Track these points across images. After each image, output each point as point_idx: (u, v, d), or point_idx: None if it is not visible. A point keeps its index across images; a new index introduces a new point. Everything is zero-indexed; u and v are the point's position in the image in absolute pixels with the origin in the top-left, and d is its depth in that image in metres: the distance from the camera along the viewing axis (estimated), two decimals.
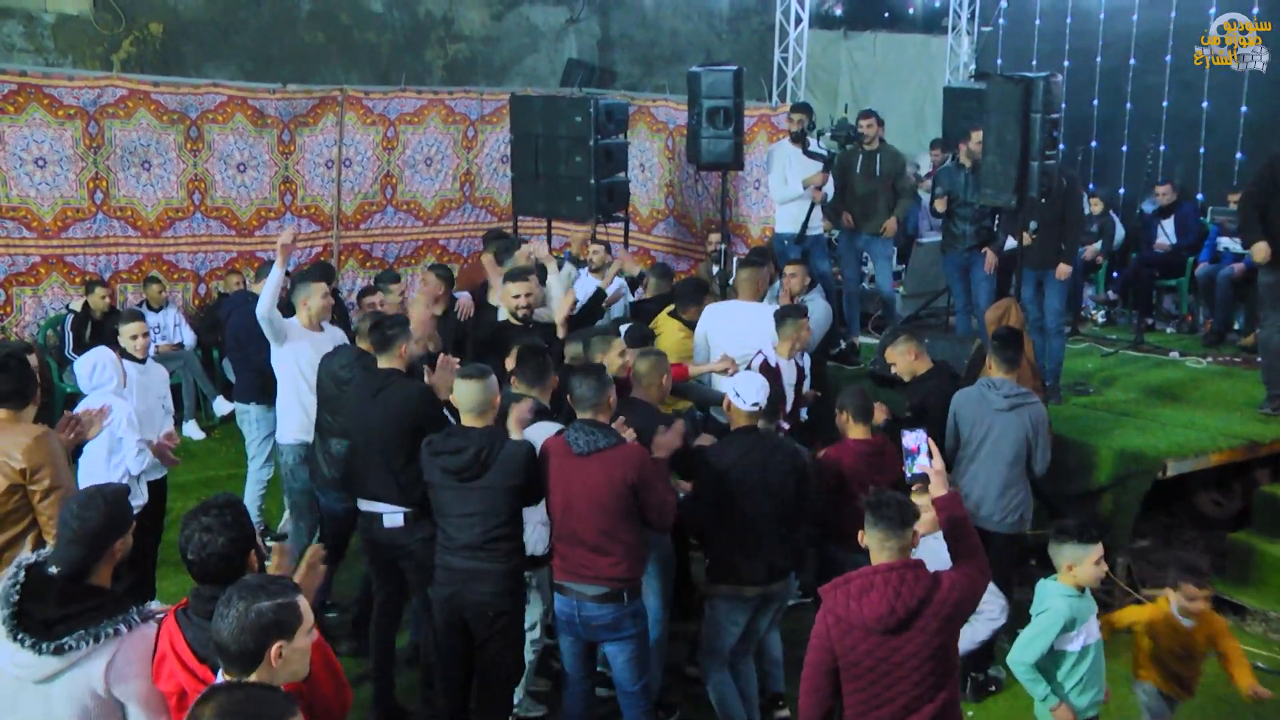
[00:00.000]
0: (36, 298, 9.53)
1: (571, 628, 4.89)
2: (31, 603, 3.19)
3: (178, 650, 3.16)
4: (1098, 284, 11.13)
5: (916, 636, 3.66)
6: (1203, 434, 7.39)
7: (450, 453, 4.72)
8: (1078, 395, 8.32)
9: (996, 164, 7.34)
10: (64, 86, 9.44)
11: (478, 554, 4.73)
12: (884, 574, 3.68)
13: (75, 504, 3.36)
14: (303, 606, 2.85)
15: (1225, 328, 9.84)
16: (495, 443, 4.71)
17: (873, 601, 3.64)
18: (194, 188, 10.14)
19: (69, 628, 3.15)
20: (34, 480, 4.20)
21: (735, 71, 9.09)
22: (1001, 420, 5.87)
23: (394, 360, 5.52)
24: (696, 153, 9.22)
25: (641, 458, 4.76)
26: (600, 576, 4.73)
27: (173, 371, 9.46)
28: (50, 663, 3.14)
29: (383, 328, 5.59)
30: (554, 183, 9.70)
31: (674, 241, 11.82)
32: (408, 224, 11.38)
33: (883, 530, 3.74)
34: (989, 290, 8.56)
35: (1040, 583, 4.51)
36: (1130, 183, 11.99)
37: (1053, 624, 4.35)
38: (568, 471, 4.73)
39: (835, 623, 3.71)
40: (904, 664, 3.67)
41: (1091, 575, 4.39)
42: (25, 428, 4.31)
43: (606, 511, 4.68)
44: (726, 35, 16.05)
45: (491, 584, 4.75)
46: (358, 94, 10.94)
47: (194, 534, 3.24)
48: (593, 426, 4.78)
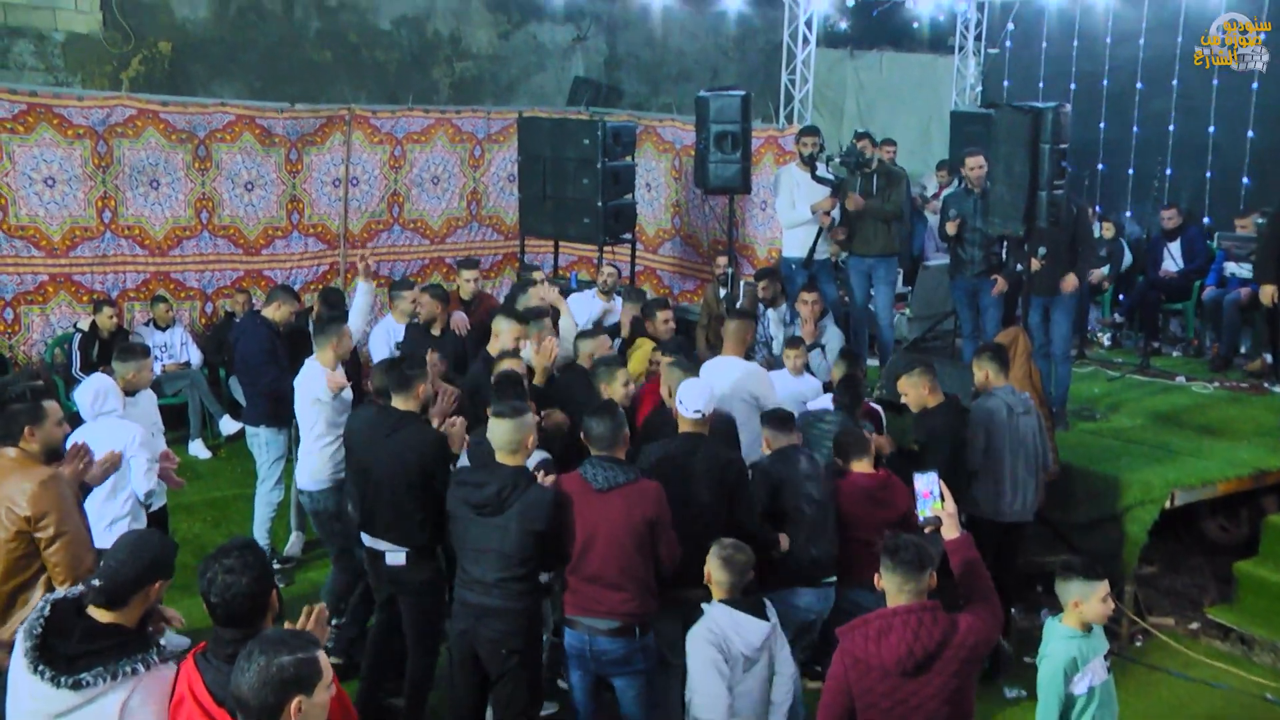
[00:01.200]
0: (44, 316, 9.54)
1: (583, 662, 4.88)
2: (55, 637, 3.21)
3: (196, 694, 3.16)
4: (1104, 307, 11.12)
5: (934, 679, 3.66)
6: (1210, 462, 7.38)
7: (474, 485, 4.72)
8: (1084, 421, 8.31)
9: (1005, 194, 7.34)
10: (73, 106, 9.47)
11: (492, 591, 4.72)
12: (903, 616, 3.69)
13: (124, 546, 3.42)
14: (323, 662, 2.84)
15: (1232, 352, 9.82)
16: (519, 483, 4.68)
17: (891, 644, 3.64)
18: (202, 206, 10.16)
19: (89, 664, 3.17)
20: (39, 528, 4.18)
21: (743, 96, 9.11)
22: (1024, 423, 6.28)
23: (410, 402, 5.44)
24: (704, 177, 9.24)
25: (659, 495, 4.77)
26: (613, 612, 4.72)
27: (179, 391, 9.53)
28: (67, 698, 3.15)
29: (401, 368, 5.51)
30: (561, 204, 9.73)
31: (680, 261, 11.84)
32: (414, 242, 11.40)
33: (901, 574, 3.75)
34: (996, 316, 8.56)
35: (1048, 622, 4.49)
36: (1137, 205, 12.00)
37: (1053, 678, 4.30)
38: (586, 508, 4.73)
39: (853, 664, 3.71)
40: (921, 706, 3.67)
41: (1099, 612, 4.35)
42: (32, 471, 4.28)
43: (624, 548, 4.68)
44: (733, 54, 16.11)
45: (505, 622, 4.73)
46: (365, 113, 10.97)
47: (216, 576, 3.23)
48: (610, 462, 4.79)
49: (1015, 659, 6.42)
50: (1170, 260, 10.53)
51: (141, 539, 3.53)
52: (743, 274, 9.80)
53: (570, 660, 4.95)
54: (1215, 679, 6.47)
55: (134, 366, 6.02)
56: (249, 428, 7.57)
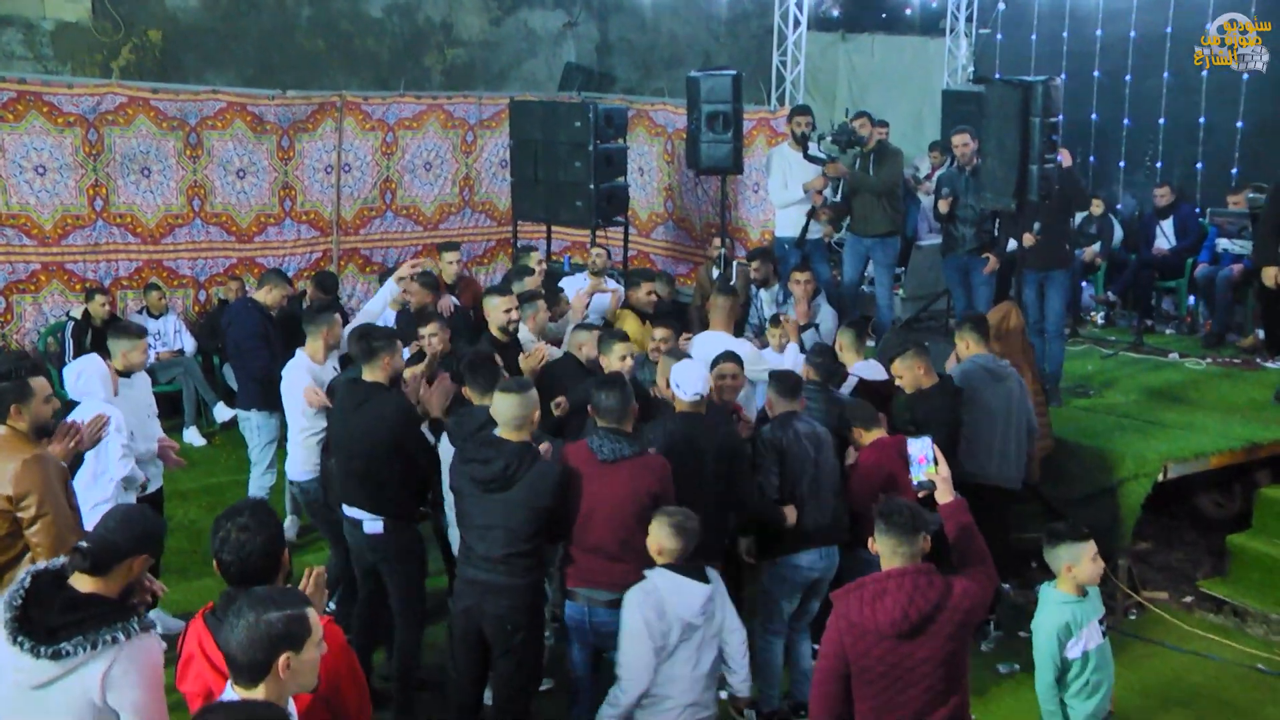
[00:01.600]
0: (37, 305, 9.53)
1: (582, 634, 4.88)
2: (35, 609, 3.21)
3: (206, 651, 3.19)
4: (1097, 285, 11.14)
5: (929, 642, 3.67)
6: (1203, 436, 7.40)
7: (480, 461, 4.70)
8: (1078, 398, 8.32)
9: (996, 168, 7.36)
10: (64, 94, 9.45)
11: (497, 568, 4.70)
12: (897, 579, 3.70)
13: (113, 519, 3.44)
14: (312, 619, 2.85)
15: (1225, 329, 9.84)
16: (525, 458, 4.67)
17: (886, 606, 3.66)
18: (194, 194, 10.15)
19: (69, 634, 3.17)
20: (20, 507, 4.17)
21: (734, 76, 9.09)
22: (1003, 388, 6.36)
23: (377, 373, 5.50)
24: (696, 157, 9.23)
25: (664, 469, 4.80)
26: (614, 583, 4.70)
27: (173, 378, 9.52)
28: (47, 668, 3.16)
29: (368, 339, 5.58)
30: (553, 188, 9.72)
31: (673, 245, 11.84)
32: (407, 229, 11.39)
33: (894, 537, 3.76)
34: (989, 294, 8.56)
35: (1042, 589, 4.51)
36: (1128, 184, 12.01)
37: (1048, 642, 4.33)
38: (591, 479, 4.74)
39: (848, 628, 3.72)
40: (916, 669, 3.68)
41: (1091, 572, 4.37)
42: (16, 451, 4.27)
43: (626, 520, 4.68)
44: (725, 38, 16.09)
45: (510, 599, 4.72)
46: (356, 99, 10.95)
47: (230, 534, 3.28)
48: (617, 435, 4.79)
49: (1009, 634, 6.45)
50: (1163, 238, 10.54)
51: (133, 511, 3.55)
52: (736, 256, 9.80)
53: (570, 633, 4.94)
54: (1209, 651, 6.49)
55: (128, 345, 5.98)
56: (241, 412, 7.58)
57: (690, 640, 4.44)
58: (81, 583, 3.30)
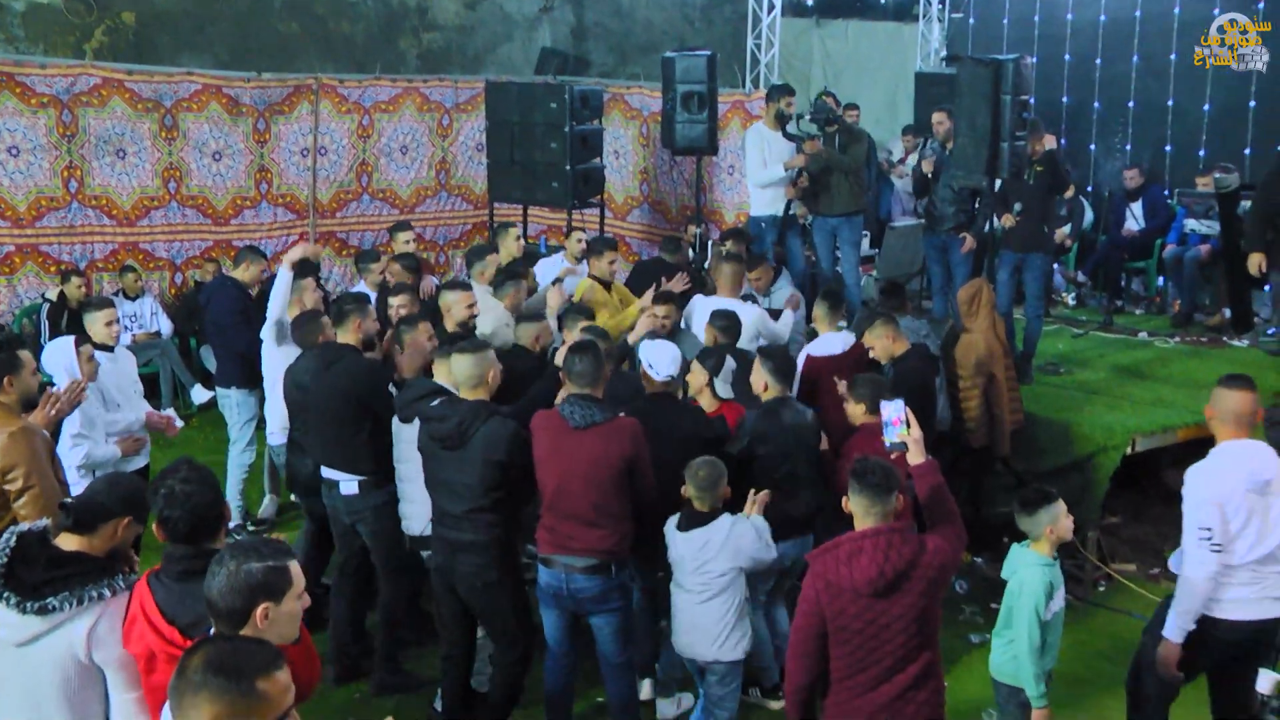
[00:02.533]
0: (11, 287, 9.49)
1: (559, 600, 4.93)
2: (20, 565, 3.25)
3: (147, 612, 3.19)
4: (1068, 265, 11.27)
5: (903, 599, 3.74)
6: (1170, 411, 7.54)
7: (436, 419, 4.84)
8: (1049, 375, 8.45)
9: (968, 146, 7.45)
10: (37, 75, 9.41)
11: (461, 524, 4.83)
12: (872, 538, 3.76)
13: (101, 483, 3.51)
14: (294, 571, 2.89)
15: (1193, 308, 10.00)
16: (480, 416, 4.77)
17: (863, 565, 3.72)
18: (169, 176, 10.13)
19: (54, 590, 3.21)
20: (7, 480, 4.20)
21: (709, 57, 9.16)
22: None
23: (348, 335, 5.68)
24: (671, 137, 9.29)
25: (636, 431, 4.81)
26: (590, 549, 4.78)
27: (149, 360, 9.50)
28: (33, 623, 3.20)
29: (340, 303, 5.78)
30: (530, 169, 9.76)
31: (649, 228, 11.89)
32: (384, 212, 11.39)
33: (868, 497, 3.82)
34: (966, 272, 8.66)
35: (1014, 550, 4.58)
36: (1099, 167, 12.14)
37: (1034, 602, 4.40)
38: (562, 445, 4.78)
39: (825, 587, 3.79)
40: (891, 625, 3.75)
41: (1067, 527, 4.51)
42: (4, 423, 4.31)
43: (601, 485, 4.73)
44: (700, 24, 16.13)
45: (476, 555, 4.83)
46: (332, 82, 10.94)
47: (174, 489, 3.28)
48: (588, 401, 4.82)
49: (983, 608, 6.56)
50: (1132, 220, 10.68)
51: (121, 476, 3.67)
52: (710, 237, 9.86)
53: (546, 600, 4.99)
54: None
55: (104, 316, 5.97)
56: (220, 390, 7.60)
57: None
58: (67, 542, 3.33)
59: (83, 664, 3.25)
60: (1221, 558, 4.35)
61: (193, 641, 2.99)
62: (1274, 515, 4.40)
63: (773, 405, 5.45)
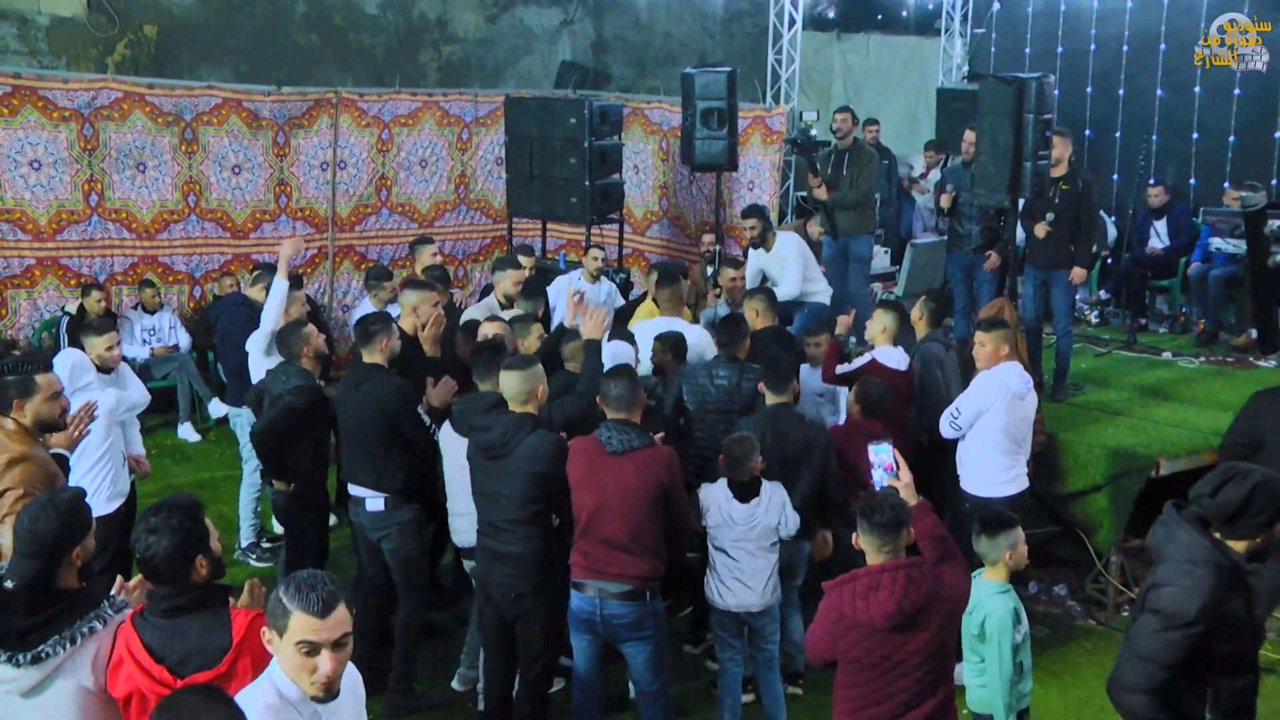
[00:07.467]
0: (31, 300, 9.52)
1: (591, 627, 4.89)
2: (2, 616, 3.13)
3: (134, 653, 3.12)
4: (1091, 285, 11.17)
5: (921, 634, 3.68)
6: (1195, 433, 7.43)
7: (481, 429, 4.92)
8: (1072, 395, 8.34)
9: (990, 164, 7.39)
10: (59, 89, 9.44)
11: (500, 534, 4.89)
12: (890, 572, 3.70)
13: (27, 516, 3.27)
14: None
15: (1217, 327, 9.89)
16: (524, 427, 4.85)
17: (880, 599, 3.66)
18: (189, 190, 10.14)
19: (42, 635, 3.11)
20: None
21: (729, 73, 9.12)
22: (950, 358, 6.83)
23: (375, 355, 5.69)
24: (690, 154, 9.26)
25: (673, 459, 4.86)
26: (625, 574, 4.76)
27: (168, 374, 9.52)
28: (31, 674, 3.10)
29: (365, 323, 5.78)
30: (549, 184, 9.74)
31: (668, 243, 11.84)
32: (403, 226, 11.39)
33: (878, 535, 3.77)
34: (991, 291, 8.58)
35: (975, 583, 4.42)
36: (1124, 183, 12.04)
37: (1004, 629, 4.36)
38: (600, 470, 4.77)
39: (839, 619, 3.73)
40: (907, 661, 3.69)
41: (1023, 553, 4.51)
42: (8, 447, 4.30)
43: (638, 511, 4.73)
44: (720, 37, 16.10)
45: (511, 566, 4.89)
46: (352, 96, 10.94)
47: (141, 534, 3.20)
48: (626, 426, 4.83)
49: None
50: (1156, 238, 10.58)
51: (34, 521, 3.27)
52: (729, 253, 9.81)
53: (578, 626, 4.95)
54: None
55: (106, 340, 5.95)
56: (231, 408, 7.59)
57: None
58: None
59: (94, 691, 3.19)
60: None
61: (181, 682, 2.97)
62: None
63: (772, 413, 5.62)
